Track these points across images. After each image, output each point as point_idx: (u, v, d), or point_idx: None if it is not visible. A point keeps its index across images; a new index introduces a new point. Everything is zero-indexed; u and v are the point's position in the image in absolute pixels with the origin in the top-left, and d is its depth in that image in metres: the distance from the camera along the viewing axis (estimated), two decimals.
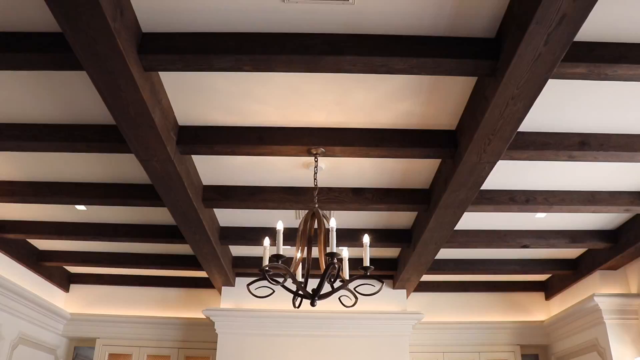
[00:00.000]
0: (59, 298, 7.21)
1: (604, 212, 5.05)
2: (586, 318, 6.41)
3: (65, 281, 7.33)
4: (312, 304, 3.30)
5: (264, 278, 3.28)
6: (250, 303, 6.67)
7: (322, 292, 3.33)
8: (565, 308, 6.80)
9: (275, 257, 3.24)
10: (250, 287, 3.44)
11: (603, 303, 6.10)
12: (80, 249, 6.55)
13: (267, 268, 3.27)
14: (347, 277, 3.51)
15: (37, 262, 6.57)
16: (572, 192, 4.90)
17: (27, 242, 6.36)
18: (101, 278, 7.38)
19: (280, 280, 3.34)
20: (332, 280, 3.35)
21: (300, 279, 3.58)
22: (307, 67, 3.04)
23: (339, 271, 3.23)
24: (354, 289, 3.48)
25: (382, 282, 3.50)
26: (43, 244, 6.45)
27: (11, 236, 5.85)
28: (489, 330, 7.20)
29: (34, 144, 3.98)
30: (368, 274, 3.33)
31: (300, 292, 3.38)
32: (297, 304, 3.58)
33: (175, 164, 3.89)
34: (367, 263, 3.38)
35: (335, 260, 3.15)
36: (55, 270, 7.04)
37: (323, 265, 3.36)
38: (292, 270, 3.34)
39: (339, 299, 3.65)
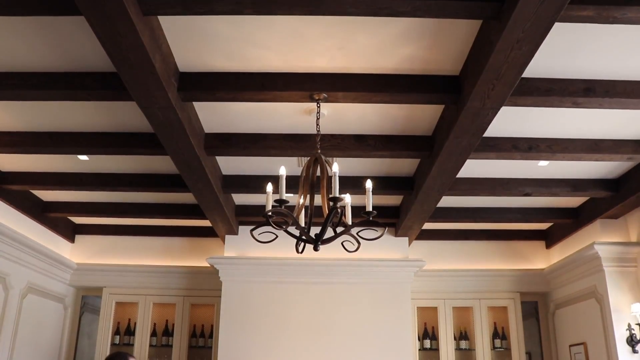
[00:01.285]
0: (65, 248, 7.30)
1: (607, 160, 5.05)
2: (586, 266, 6.49)
3: (70, 232, 7.41)
4: (315, 249, 3.34)
5: (267, 223, 3.31)
6: (253, 251, 6.76)
7: (324, 237, 3.36)
8: (566, 256, 6.87)
9: (278, 202, 3.26)
10: (253, 232, 3.47)
11: (603, 251, 6.16)
12: (84, 199, 6.58)
13: (270, 213, 3.29)
14: (350, 223, 3.53)
15: (42, 213, 6.62)
16: (576, 140, 4.89)
17: (31, 193, 6.39)
18: (106, 228, 7.45)
19: (283, 225, 3.37)
20: (335, 225, 3.37)
21: (303, 224, 3.61)
22: (309, 9, 2.99)
23: (341, 216, 3.25)
24: (357, 234, 3.50)
25: (385, 227, 3.52)
26: (47, 195, 6.48)
27: (14, 187, 5.88)
28: (490, 278, 7.30)
29: (34, 93, 3.95)
30: (370, 219, 3.35)
31: (303, 237, 3.41)
32: (300, 249, 3.62)
33: (176, 111, 3.88)
34: (369, 208, 3.39)
35: (338, 205, 3.16)
36: (60, 221, 7.11)
37: (326, 211, 3.38)
38: (294, 216, 3.36)
39: (342, 244, 3.67)
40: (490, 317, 7.27)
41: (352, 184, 4.73)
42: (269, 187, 3.51)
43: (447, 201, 6.04)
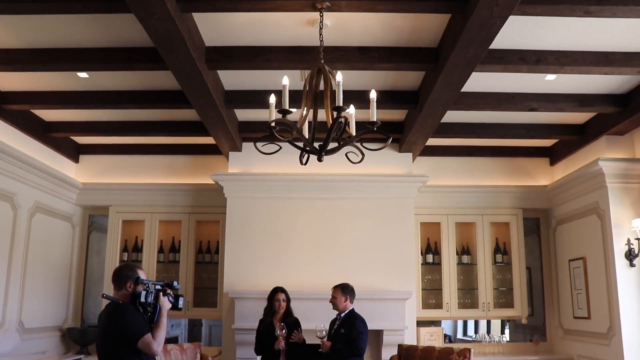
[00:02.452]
0: (70, 168, 7.33)
1: (616, 73, 4.97)
2: (589, 182, 6.51)
3: (74, 152, 7.41)
4: (319, 160, 3.34)
5: (271, 134, 3.29)
6: (257, 167, 6.79)
7: (328, 148, 3.35)
8: (569, 173, 6.89)
9: (281, 112, 3.23)
10: (257, 144, 3.46)
11: (607, 167, 6.17)
12: (87, 118, 6.55)
13: (273, 124, 3.27)
14: (354, 133, 3.51)
15: (45, 133, 6.61)
16: (585, 52, 4.79)
17: (33, 113, 6.35)
18: (109, 148, 7.45)
19: (287, 136, 3.35)
20: (339, 135, 3.35)
21: (306, 136, 3.59)
22: None
23: (345, 126, 3.23)
24: (361, 145, 3.49)
25: (389, 137, 3.50)
26: (49, 114, 6.45)
27: (15, 107, 5.84)
28: (493, 193, 7.34)
29: (27, 6, 3.85)
30: (375, 129, 3.33)
31: (307, 147, 3.40)
32: (303, 161, 3.62)
33: (176, 22, 3.78)
34: (374, 119, 3.37)
35: (342, 115, 3.14)
36: (63, 141, 7.10)
37: (330, 122, 3.35)
38: (298, 127, 3.34)
39: (346, 155, 3.66)
40: (492, 233, 7.38)
41: (356, 97, 4.65)
42: (272, 98, 3.47)
43: (451, 116, 5.99)
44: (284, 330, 5.23)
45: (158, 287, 3.82)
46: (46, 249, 6.74)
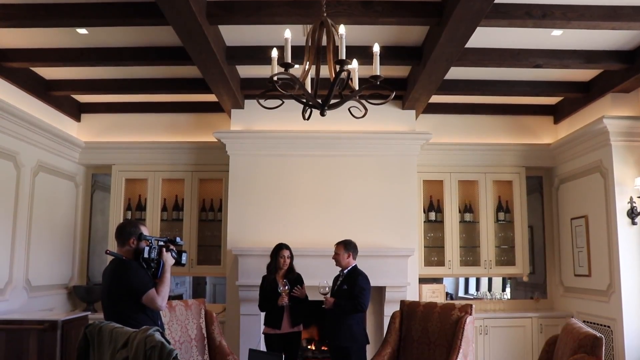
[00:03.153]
0: (72, 127, 7.30)
1: (624, 29, 4.88)
2: (593, 140, 6.48)
3: (75, 110, 7.38)
4: (322, 114, 3.31)
5: (273, 89, 3.25)
6: (260, 124, 6.78)
7: (331, 102, 3.31)
8: (573, 131, 6.84)
9: (283, 66, 3.18)
10: (259, 99, 3.42)
11: (611, 125, 6.12)
12: (88, 76, 6.50)
13: (275, 78, 3.22)
14: (357, 88, 3.47)
15: (46, 91, 6.56)
16: (593, 6, 4.69)
17: (33, 71, 6.29)
18: (111, 106, 7.40)
19: (290, 91, 3.31)
20: (342, 89, 3.31)
21: (309, 91, 3.55)
22: None
23: (348, 80, 3.18)
24: (365, 100, 3.45)
25: (393, 91, 3.46)
26: (49, 72, 6.39)
27: (15, 65, 5.78)
28: (496, 152, 7.31)
29: None
30: (378, 83, 3.28)
31: (309, 102, 3.36)
32: (306, 115, 3.58)
33: None
34: (377, 72, 3.32)
35: (345, 69, 3.09)
36: (64, 100, 7.05)
37: (332, 76, 3.30)
38: (300, 81, 3.29)
39: (349, 110, 3.63)
40: (495, 191, 7.39)
41: (359, 53, 4.57)
42: (274, 52, 3.42)
43: (455, 73, 5.92)
44: (287, 287, 5.30)
45: (161, 243, 3.86)
46: (50, 208, 6.77)
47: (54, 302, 6.85)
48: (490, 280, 8.04)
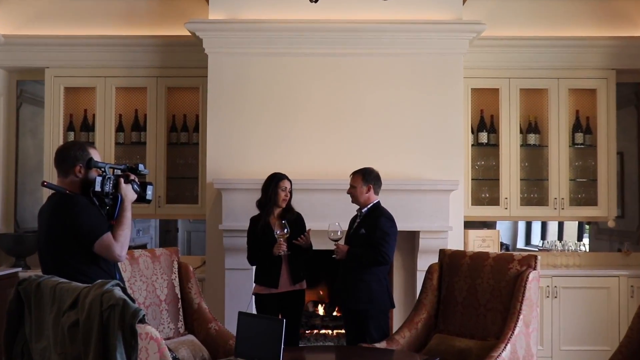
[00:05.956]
0: None
1: None
2: None
3: None
4: None
5: None
6: (249, 12, 6.73)
7: None
8: None
9: None
10: None
11: None
12: None
13: None
14: None
15: None
16: None
17: None
18: None
19: None
20: None
21: None
22: None
23: None
24: None
25: None
26: None
27: None
28: (574, 48, 7.22)
29: None
30: None
31: None
32: None
33: None
34: None
35: None
36: None
37: None
38: None
39: None
40: (571, 104, 7.37)
41: None
42: None
43: None
44: (285, 230, 5.35)
45: (118, 171, 3.91)
46: None
47: None
48: (561, 225, 8.12)
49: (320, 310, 7.22)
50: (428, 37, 6.70)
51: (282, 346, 3.84)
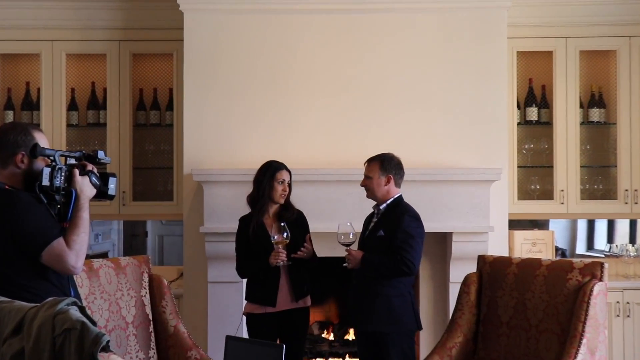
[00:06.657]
0: None
1: None
2: None
3: None
4: None
5: None
6: None
7: None
8: None
9: None
10: None
11: None
12: None
13: None
14: None
15: None
16: None
17: None
18: None
19: None
20: None
21: None
22: None
23: None
24: None
25: None
26: None
27: None
28: None
29: None
30: None
31: None
32: None
33: None
34: None
35: None
36: None
37: None
38: None
39: None
40: None
41: None
42: None
43: None
44: (285, 234, 5.34)
45: (71, 160, 3.91)
46: None
47: None
48: (634, 224, 8.11)
49: (329, 333, 7.24)
50: None
51: None
